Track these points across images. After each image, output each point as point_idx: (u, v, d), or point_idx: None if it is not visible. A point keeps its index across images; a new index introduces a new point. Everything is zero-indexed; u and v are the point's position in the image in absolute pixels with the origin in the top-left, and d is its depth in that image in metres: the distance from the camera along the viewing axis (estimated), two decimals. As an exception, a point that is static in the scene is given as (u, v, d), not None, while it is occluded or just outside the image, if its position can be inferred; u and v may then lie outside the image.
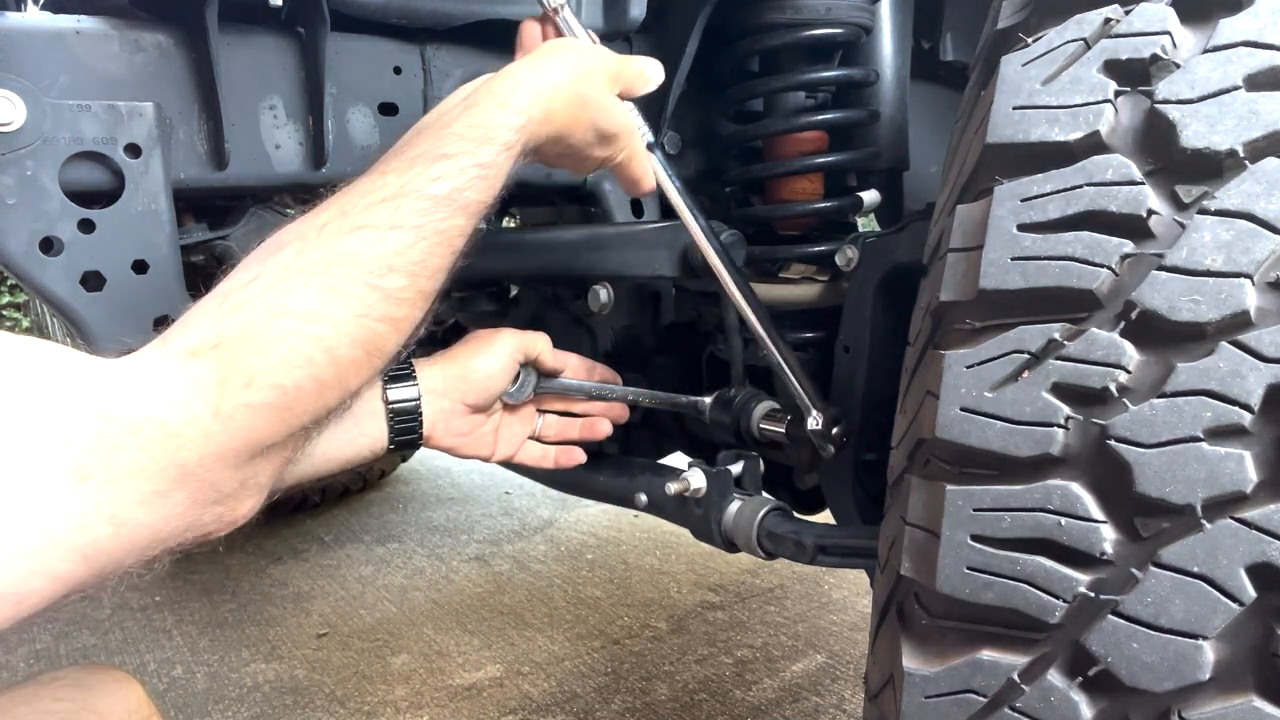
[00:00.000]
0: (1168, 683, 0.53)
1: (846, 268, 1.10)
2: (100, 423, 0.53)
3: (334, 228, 0.68)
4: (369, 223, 0.69)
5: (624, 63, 0.89)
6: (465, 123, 0.78)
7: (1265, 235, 0.53)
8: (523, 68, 0.83)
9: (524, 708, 2.03)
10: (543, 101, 0.82)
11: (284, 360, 0.61)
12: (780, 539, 1.06)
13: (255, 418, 0.60)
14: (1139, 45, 0.60)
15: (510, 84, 0.81)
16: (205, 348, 0.58)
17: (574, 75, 0.84)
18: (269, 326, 0.61)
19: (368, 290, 0.67)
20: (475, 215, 0.78)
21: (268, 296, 0.62)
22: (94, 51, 0.96)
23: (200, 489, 0.57)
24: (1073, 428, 0.57)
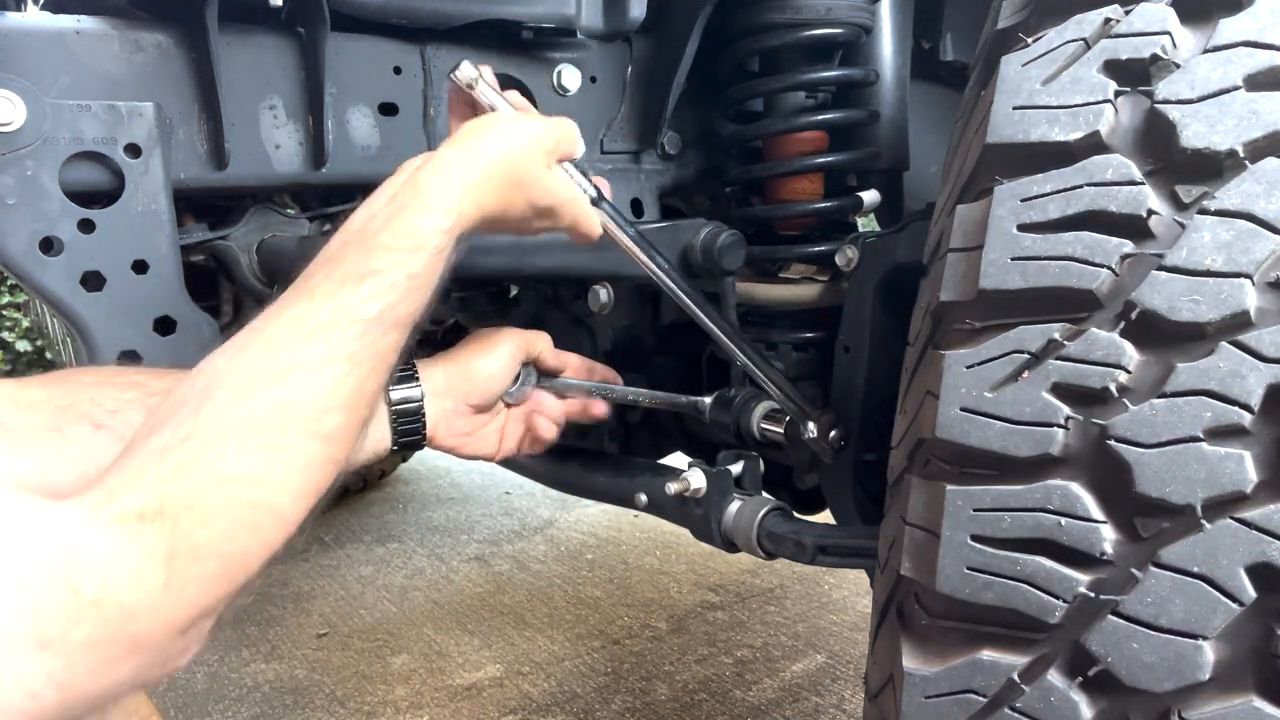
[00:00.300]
0: (1168, 683, 0.53)
1: (846, 268, 1.10)
2: (66, 594, 0.54)
3: (265, 369, 0.66)
4: (301, 361, 0.67)
5: (554, 130, 0.86)
6: (393, 231, 0.74)
7: (1265, 235, 0.53)
8: (450, 160, 0.79)
9: (524, 708, 2.03)
10: (473, 194, 0.79)
11: (229, 530, 0.62)
12: (780, 539, 1.06)
13: (204, 587, 0.61)
14: (1139, 45, 0.60)
15: (438, 182, 0.77)
16: (152, 513, 0.59)
17: (505, 160, 0.81)
18: (212, 495, 0.61)
19: (307, 440, 0.66)
20: (409, 326, 0.76)
21: (207, 460, 0.61)
22: (94, 51, 0.96)
23: (149, 656, 0.59)
24: (1073, 428, 0.57)
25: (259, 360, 0.66)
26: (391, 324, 0.73)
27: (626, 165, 1.30)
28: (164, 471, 0.60)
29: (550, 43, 1.21)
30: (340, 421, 0.69)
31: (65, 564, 0.55)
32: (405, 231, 0.74)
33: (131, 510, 0.58)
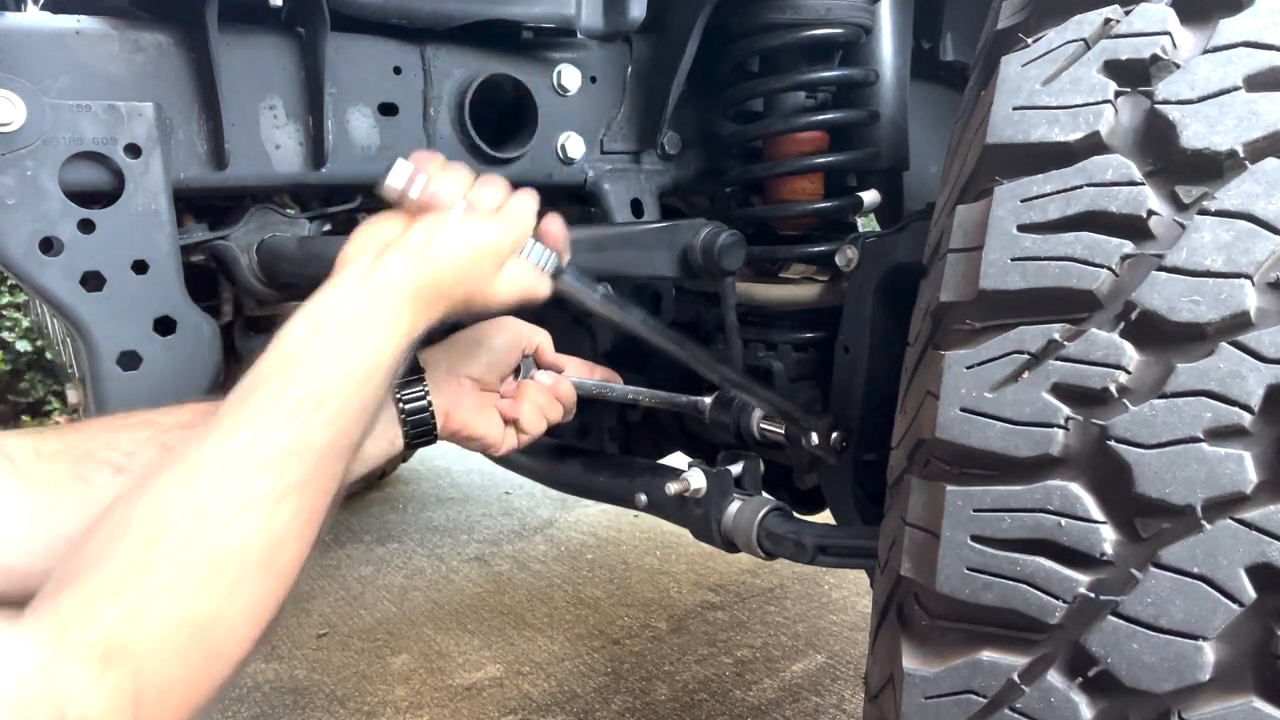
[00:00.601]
0: (1168, 683, 0.53)
1: (846, 268, 1.10)
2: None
3: (218, 508, 0.65)
4: (254, 496, 0.66)
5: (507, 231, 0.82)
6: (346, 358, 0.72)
7: (1265, 235, 0.53)
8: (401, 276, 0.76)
9: (524, 708, 2.02)
10: (425, 313, 0.77)
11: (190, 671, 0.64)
12: (780, 539, 1.06)
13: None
14: (1139, 45, 0.60)
15: (390, 304, 0.75)
16: (115, 652, 0.59)
17: (457, 276, 0.78)
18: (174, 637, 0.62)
19: (261, 578, 0.67)
20: (358, 448, 0.76)
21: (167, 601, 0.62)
22: (94, 51, 0.96)
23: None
24: (1073, 428, 0.57)
25: (210, 496, 0.65)
26: (342, 450, 0.72)
27: (626, 165, 1.30)
28: (124, 610, 0.60)
29: (550, 43, 1.21)
30: (292, 555, 0.69)
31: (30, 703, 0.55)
32: (358, 357, 0.72)
33: (96, 646, 0.59)
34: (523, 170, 1.21)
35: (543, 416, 1.05)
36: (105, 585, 0.62)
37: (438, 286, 0.77)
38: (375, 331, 0.74)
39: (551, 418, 1.06)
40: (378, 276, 0.75)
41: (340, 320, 0.73)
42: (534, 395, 1.04)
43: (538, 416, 1.04)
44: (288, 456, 0.68)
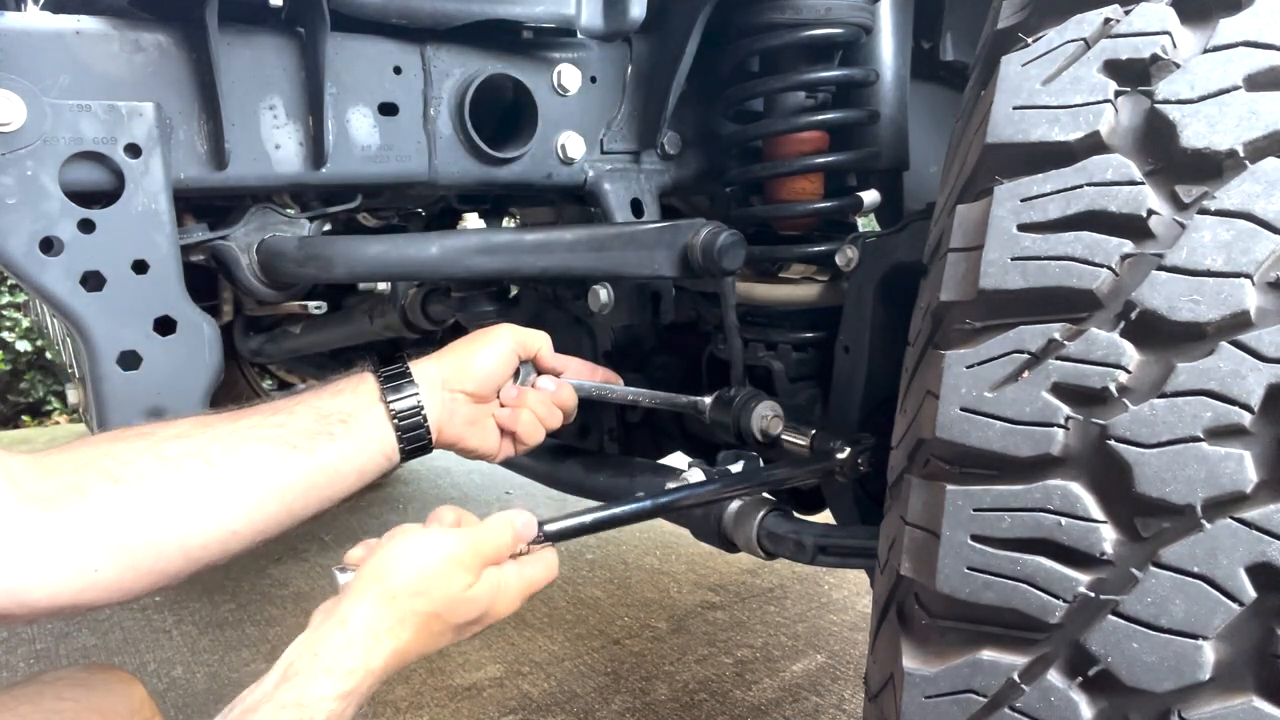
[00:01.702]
0: (1168, 683, 0.53)
1: (846, 268, 1.10)
2: None
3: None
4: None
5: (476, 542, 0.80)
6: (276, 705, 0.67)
7: (1265, 235, 0.53)
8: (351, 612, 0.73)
9: (524, 708, 2.02)
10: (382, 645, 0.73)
11: None
12: (780, 539, 1.06)
13: None
14: (1139, 45, 0.60)
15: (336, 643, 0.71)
16: None
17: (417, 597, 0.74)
18: None
19: None
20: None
21: None
22: (94, 51, 0.96)
23: None
24: (1073, 428, 0.57)
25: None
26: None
27: (626, 165, 1.30)
28: None
29: (550, 43, 1.21)
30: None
31: None
32: (290, 703, 0.67)
33: None
34: (522, 170, 1.21)
35: (541, 426, 1.04)
36: None
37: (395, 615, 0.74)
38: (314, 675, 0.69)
39: (551, 426, 1.05)
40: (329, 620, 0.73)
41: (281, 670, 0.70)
42: (533, 404, 1.03)
43: (536, 427, 1.04)
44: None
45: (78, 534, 0.72)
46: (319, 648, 0.71)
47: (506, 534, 0.84)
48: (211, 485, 0.80)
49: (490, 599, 0.80)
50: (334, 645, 0.71)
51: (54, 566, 0.70)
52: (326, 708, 0.68)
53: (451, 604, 0.76)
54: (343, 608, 0.73)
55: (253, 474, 0.82)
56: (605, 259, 1.14)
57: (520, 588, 0.84)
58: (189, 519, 0.78)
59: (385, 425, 0.93)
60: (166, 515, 0.77)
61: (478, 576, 0.79)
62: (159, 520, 0.76)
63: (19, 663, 2.32)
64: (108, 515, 0.74)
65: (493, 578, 0.81)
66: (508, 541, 0.83)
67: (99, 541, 0.73)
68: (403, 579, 0.74)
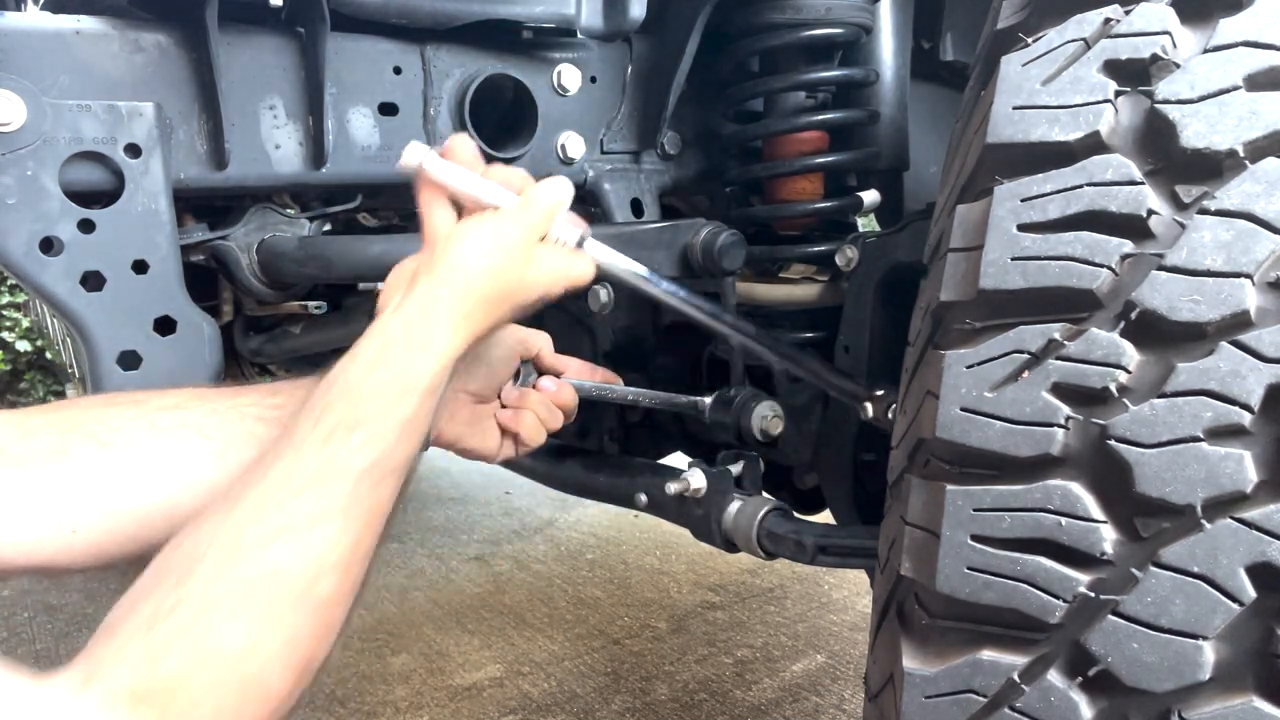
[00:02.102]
0: (1168, 683, 0.53)
1: (846, 268, 1.10)
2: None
3: (252, 534, 0.63)
4: (290, 523, 0.64)
5: (528, 216, 0.81)
6: (379, 378, 0.71)
7: (1265, 235, 0.53)
8: (434, 294, 0.75)
9: (524, 708, 2.03)
10: (464, 327, 0.76)
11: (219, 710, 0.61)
12: (780, 539, 1.06)
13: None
14: (1139, 45, 0.60)
15: (424, 322, 0.74)
16: (142, 692, 0.58)
17: (492, 280, 0.77)
18: (202, 673, 0.60)
19: (297, 608, 0.64)
20: (405, 470, 0.74)
21: (194, 634, 0.60)
22: (94, 51, 0.96)
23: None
24: (1073, 428, 0.57)
25: (245, 523, 0.63)
26: (386, 473, 0.70)
27: (626, 165, 1.30)
28: (152, 646, 0.59)
29: (550, 43, 1.21)
30: (333, 584, 0.66)
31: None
32: (392, 376, 0.72)
33: (124, 689, 0.57)
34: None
35: (543, 428, 1.04)
36: (136, 626, 0.60)
37: (470, 297, 0.76)
38: (408, 350, 0.73)
39: (552, 427, 1.05)
40: (410, 300, 0.75)
41: (375, 347, 0.73)
42: (535, 406, 1.03)
43: (538, 428, 1.03)
44: (326, 478, 0.66)
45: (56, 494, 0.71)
46: (408, 327, 0.74)
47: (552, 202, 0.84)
48: (203, 457, 0.78)
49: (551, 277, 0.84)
50: (422, 323, 0.74)
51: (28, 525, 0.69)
52: (424, 381, 0.73)
53: (515, 283, 0.80)
54: (422, 291, 0.76)
55: (247, 451, 0.80)
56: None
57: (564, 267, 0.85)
58: (177, 488, 0.76)
59: None
60: (154, 482, 0.76)
61: (534, 253, 0.82)
62: (145, 486, 0.75)
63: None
64: (90, 477, 0.73)
65: (542, 257, 0.83)
66: (554, 209, 0.84)
67: (79, 503, 0.71)
68: (476, 263, 0.77)
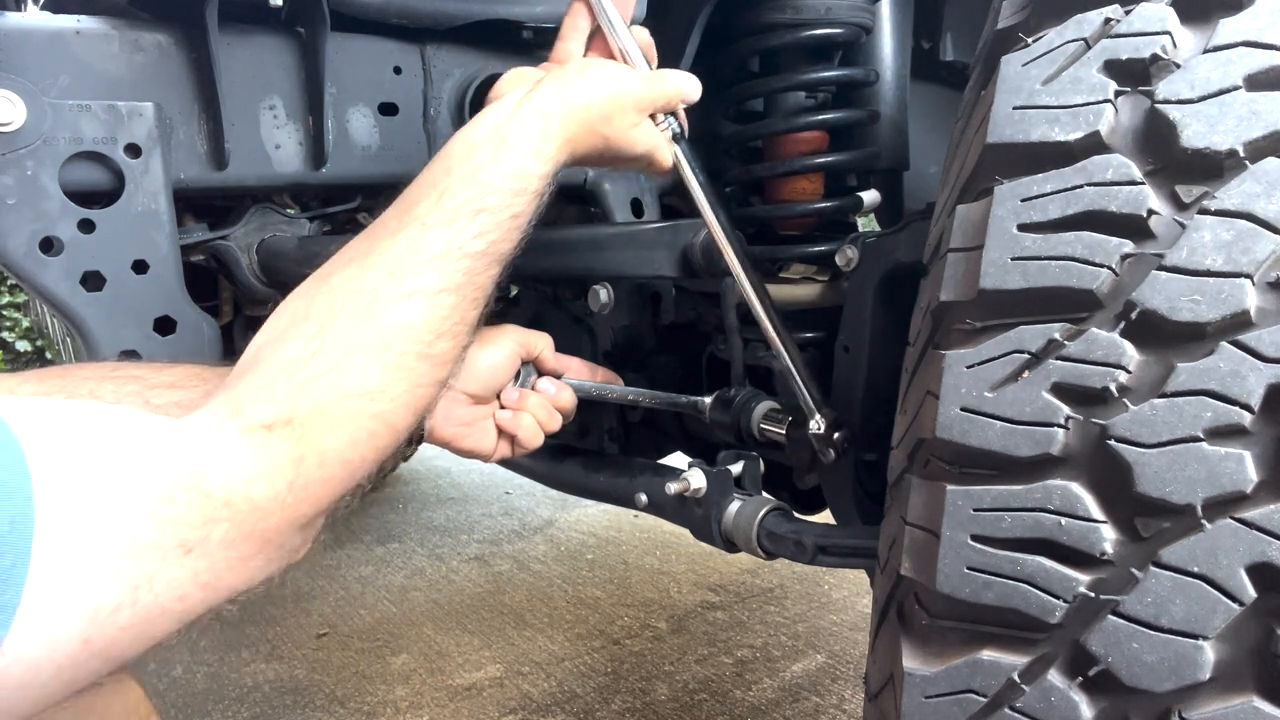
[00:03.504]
0: (1168, 683, 0.53)
1: (846, 268, 1.10)
2: (201, 499, 0.59)
3: (387, 293, 0.72)
4: (419, 288, 0.73)
5: (655, 86, 0.90)
6: (500, 171, 0.79)
7: (1265, 235, 0.53)
8: (551, 105, 0.83)
9: (524, 708, 2.03)
10: (568, 142, 0.84)
11: (352, 439, 0.69)
12: (780, 539, 1.06)
13: (326, 489, 0.68)
14: (1139, 45, 0.60)
15: (540, 127, 0.82)
16: (280, 423, 0.64)
17: (599, 113, 0.85)
18: (339, 407, 0.67)
19: (421, 361, 0.73)
20: (506, 261, 0.82)
21: (333, 376, 0.68)
22: (94, 51, 0.96)
23: (275, 550, 0.67)
24: (1073, 428, 0.57)
25: (381, 285, 0.72)
26: (494, 259, 0.79)
27: (626, 165, 1.29)
28: (294, 385, 0.66)
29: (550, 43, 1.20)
30: (448, 347, 0.76)
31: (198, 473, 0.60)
32: (511, 173, 0.79)
33: (260, 421, 0.64)
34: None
35: (541, 430, 1.05)
36: (281, 365, 0.67)
37: (584, 120, 0.84)
38: (525, 151, 0.80)
39: (550, 429, 1.06)
40: (530, 104, 0.82)
41: (494, 140, 0.80)
42: (534, 408, 1.04)
43: (535, 430, 1.04)
44: (449, 255, 0.75)
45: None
46: (527, 128, 0.81)
47: (675, 91, 0.93)
48: None
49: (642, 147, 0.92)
50: (539, 128, 0.81)
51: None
52: (535, 183, 0.81)
53: (620, 133, 0.88)
54: (545, 98, 0.83)
55: None
56: (605, 259, 1.14)
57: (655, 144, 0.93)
58: None
59: None
60: None
61: (643, 119, 0.91)
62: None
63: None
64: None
65: (647, 127, 0.92)
66: (675, 98, 0.93)
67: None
68: (599, 96, 0.85)
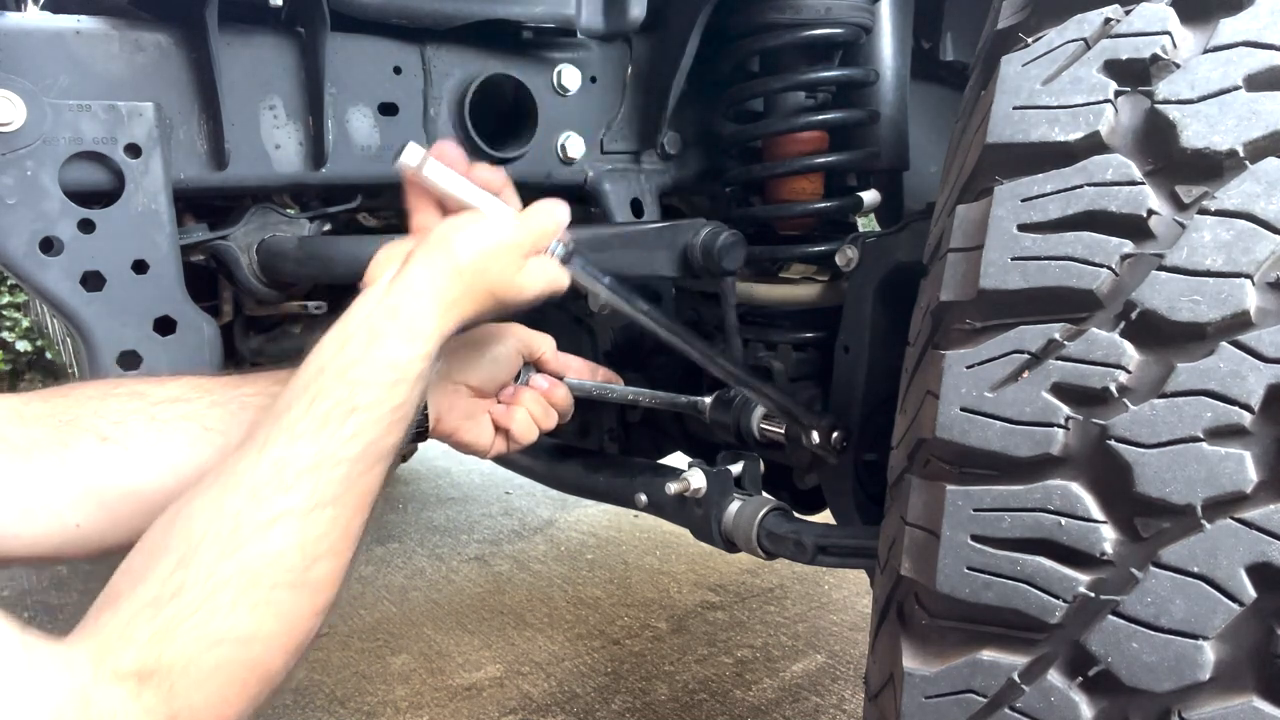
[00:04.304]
0: (1168, 683, 0.53)
1: (846, 268, 1.10)
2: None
3: (250, 520, 0.65)
4: (288, 508, 0.66)
5: (526, 228, 0.84)
6: (372, 364, 0.72)
7: (1265, 235, 0.53)
8: (424, 281, 0.77)
9: (524, 708, 2.02)
10: (450, 314, 0.78)
11: (221, 692, 0.63)
12: (780, 539, 1.06)
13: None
14: (1139, 45, 0.60)
15: (415, 308, 0.75)
16: (149, 672, 0.59)
17: (479, 274, 0.79)
18: (206, 656, 0.62)
19: (296, 592, 0.66)
20: (392, 456, 0.75)
21: (199, 618, 0.62)
22: (94, 51, 0.96)
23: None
24: (1073, 428, 0.57)
25: (243, 510, 0.65)
26: (375, 458, 0.72)
27: (626, 165, 1.30)
28: (158, 628, 0.60)
29: (550, 43, 1.21)
30: (328, 568, 0.69)
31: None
32: (386, 364, 0.73)
33: (130, 668, 0.59)
34: (523, 170, 1.21)
35: (535, 426, 1.04)
36: (141, 605, 0.61)
37: (464, 286, 0.78)
38: (399, 339, 0.74)
39: (545, 426, 1.05)
40: (400, 286, 0.76)
41: (365, 332, 0.74)
42: (529, 404, 1.03)
43: (530, 426, 1.03)
44: (320, 466, 0.68)
45: (58, 488, 0.72)
46: (399, 312, 0.75)
47: (551, 224, 0.87)
48: (206, 449, 0.79)
49: (535, 288, 0.86)
50: (412, 311, 0.75)
51: (31, 518, 0.70)
52: (415, 368, 0.74)
53: (504, 283, 0.82)
54: (413, 276, 0.77)
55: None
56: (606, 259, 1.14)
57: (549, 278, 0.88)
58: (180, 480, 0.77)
59: None
60: (156, 475, 0.76)
61: (526, 262, 0.84)
62: (146, 480, 0.76)
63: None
64: (91, 471, 0.73)
65: (532, 266, 0.86)
66: (552, 231, 0.87)
67: (80, 497, 0.72)
68: (469, 256, 0.79)
